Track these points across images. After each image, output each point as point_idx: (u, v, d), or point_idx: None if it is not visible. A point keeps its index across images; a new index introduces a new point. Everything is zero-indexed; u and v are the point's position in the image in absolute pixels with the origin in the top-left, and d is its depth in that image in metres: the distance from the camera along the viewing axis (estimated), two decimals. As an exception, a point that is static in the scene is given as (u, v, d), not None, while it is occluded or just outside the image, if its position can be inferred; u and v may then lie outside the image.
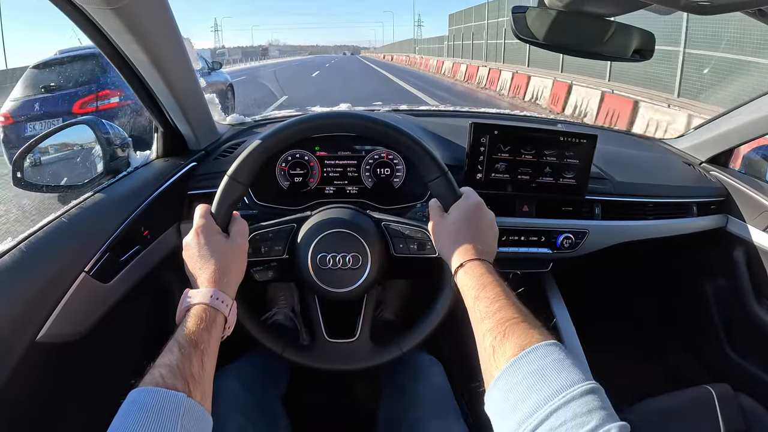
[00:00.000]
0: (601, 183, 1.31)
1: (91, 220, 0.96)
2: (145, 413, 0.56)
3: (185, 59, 1.08)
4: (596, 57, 1.10)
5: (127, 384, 0.60)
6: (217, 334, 0.73)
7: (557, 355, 0.60)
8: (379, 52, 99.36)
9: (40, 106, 5.24)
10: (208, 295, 0.74)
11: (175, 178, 1.16)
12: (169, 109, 1.16)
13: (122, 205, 1.02)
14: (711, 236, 1.47)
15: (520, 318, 0.67)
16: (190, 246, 0.81)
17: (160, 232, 1.11)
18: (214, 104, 1.42)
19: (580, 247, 1.29)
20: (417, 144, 0.91)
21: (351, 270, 0.93)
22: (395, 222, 0.97)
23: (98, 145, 1.14)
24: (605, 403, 0.54)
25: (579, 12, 0.99)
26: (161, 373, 0.61)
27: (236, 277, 0.83)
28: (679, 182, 1.44)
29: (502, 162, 1.20)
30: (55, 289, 0.84)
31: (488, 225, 0.87)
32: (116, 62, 0.99)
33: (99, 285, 0.91)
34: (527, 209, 1.26)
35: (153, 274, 1.09)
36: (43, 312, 0.81)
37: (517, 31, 0.98)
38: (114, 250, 0.95)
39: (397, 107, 1.72)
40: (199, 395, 0.62)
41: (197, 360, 0.65)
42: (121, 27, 0.85)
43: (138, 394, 0.58)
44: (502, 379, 0.61)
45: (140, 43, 0.91)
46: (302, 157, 1.24)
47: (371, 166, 1.26)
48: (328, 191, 1.27)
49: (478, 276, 0.77)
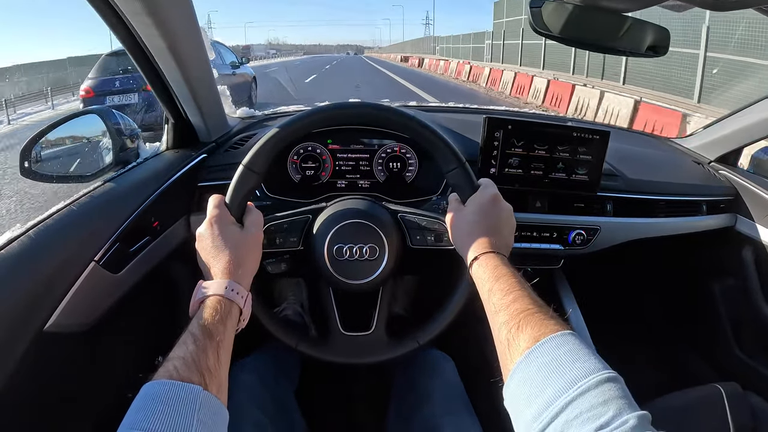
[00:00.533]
0: (613, 180, 1.30)
1: (101, 210, 0.95)
2: (160, 407, 0.54)
3: (201, 48, 1.08)
4: (611, 52, 1.10)
5: (135, 376, 0.59)
6: (232, 326, 0.72)
7: (572, 345, 0.59)
8: (386, 52, 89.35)
9: (119, 84, 6.92)
10: (223, 286, 0.73)
11: (185, 170, 1.15)
12: (182, 100, 1.14)
13: (132, 195, 1.01)
14: (720, 235, 1.47)
15: (534, 309, 0.66)
16: (204, 236, 0.80)
17: (169, 223, 1.10)
18: (226, 96, 1.41)
19: (591, 243, 1.28)
20: (435, 134, 0.91)
21: (368, 261, 0.93)
22: (412, 213, 0.97)
23: (108, 136, 1.13)
24: (623, 393, 0.53)
25: (595, 7, 0.99)
26: (176, 366, 0.59)
27: (251, 269, 0.82)
28: (688, 181, 1.44)
29: (515, 157, 1.19)
30: (64, 278, 0.83)
31: (505, 218, 0.86)
32: (132, 49, 0.98)
33: (108, 275, 0.90)
34: (540, 205, 1.26)
35: (162, 265, 1.08)
36: (51, 301, 0.80)
37: (534, 24, 0.98)
38: (124, 241, 0.94)
39: (406, 103, 1.72)
40: (215, 388, 0.61)
41: (213, 352, 0.64)
42: (141, 10, 0.84)
43: (152, 387, 0.57)
44: (518, 371, 0.60)
45: (159, 29, 0.90)
46: (314, 150, 1.23)
47: (384, 160, 1.25)
48: (339, 185, 1.26)
49: (492, 268, 0.76)
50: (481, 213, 0.85)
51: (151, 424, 0.52)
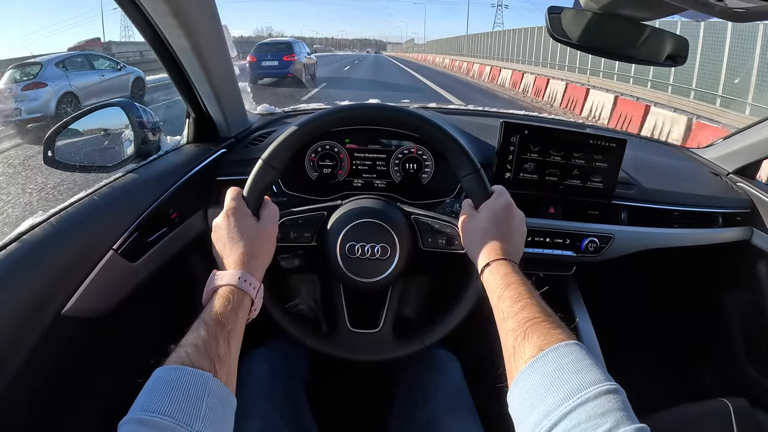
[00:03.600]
0: (628, 188, 1.30)
1: (121, 199, 0.97)
2: (171, 391, 0.56)
3: (224, 46, 1.10)
4: (629, 60, 1.10)
5: (147, 361, 0.61)
6: (243, 315, 0.73)
7: (576, 356, 0.60)
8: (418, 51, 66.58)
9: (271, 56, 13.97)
10: (235, 276, 0.75)
11: (204, 164, 1.17)
12: (203, 96, 1.17)
13: (152, 186, 1.04)
14: (735, 248, 1.45)
15: (541, 317, 0.67)
16: (220, 227, 0.82)
17: (187, 215, 1.12)
18: (246, 93, 1.44)
19: (604, 251, 1.28)
20: (452, 140, 0.92)
21: (379, 260, 0.94)
22: (425, 216, 0.98)
23: (130, 128, 1.15)
24: (623, 405, 0.53)
25: (614, 15, 0.99)
26: (187, 352, 0.61)
27: (264, 261, 0.83)
28: (705, 192, 1.43)
29: (531, 162, 1.20)
30: (83, 264, 0.85)
31: (517, 225, 0.87)
32: (156, 48, 1.01)
33: (126, 263, 0.92)
34: (553, 211, 1.26)
35: (178, 256, 1.10)
36: (70, 286, 0.83)
37: (552, 31, 0.98)
38: (142, 230, 0.97)
39: (426, 105, 1.73)
40: (224, 376, 0.62)
41: (223, 341, 0.66)
42: (166, 11, 0.87)
43: (164, 371, 0.59)
44: (522, 380, 0.61)
45: (183, 29, 0.93)
46: (332, 149, 1.25)
47: (400, 161, 1.26)
48: (356, 184, 1.27)
49: (503, 275, 0.77)
50: (494, 219, 0.85)
51: (162, 407, 0.54)
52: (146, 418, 0.53)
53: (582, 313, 1.41)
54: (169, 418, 0.53)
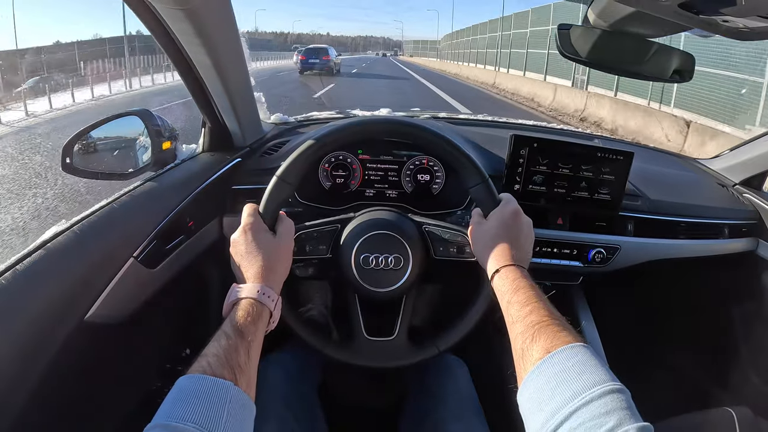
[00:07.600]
0: (635, 200, 1.32)
1: (140, 208, 1.00)
2: (194, 399, 0.58)
3: (242, 60, 1.13)
4: (636, 76, 1.12)
5: (164, 365, 0.63)
6: (262, 327, 0.76)
7: (582, 357, 0.62)
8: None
9: (315, 55, 23.00)
10: (255, 290, 0.78)
11: (220, 173, 1.20)
12: (220, 107, 1.20)
13: (170, 195, 1.06)
14: (741, 259, 1.46)
15: (549, 321, 0.69)
16: (238, 243, 0.84)
17: (203, 223, 1.15)
18: (261, 103, 1.46)
19: (611, 262, 1.30)
20: (459, 151, 0.95)
21: (393, 271, 0.96)
22: (436, 226, 1.00)
23: (147, 136, 1.18)
24: (627, 404, 0.55)
25: (622, 32, 1.01)
26: (209, 362, 0.64)
27: (282, 274, 0.86)
28: (711, 203, 1.44)
29: (539, 174, 1.22)
30: (105, 271, 0.88)
31: (525, 231, 0.89)
32: (178, 63, 1.04)
33: (146, 270, 0.95)
34: (561, 222, 1.28)
35: (194, 263, 1.12)
36: (93, 293, 0.85)
37: (561, 47, 1.01)
38: (161, 238, 0.99)
39: (437, 114, 1.75)
40: (244, 384, 0.65)
41: (244, 351, 0.68)
42: (189, 29, 0.89)
43: (187, 381, 0.61)
44: (530, 381, 0.63)
45: (205, 47, 0.96)
46: (345, 159, 1.27)
47: (412, 172, 1.29)
48: (368, 194, 1.29)
49: (512, 280, 0.79)
50: (503, 227, 0.88)
51: (185, 414, 0.57)
52: (171, 424, 0.55)
53: (588, 321, 1.42)
54: (192, 423, 0.56)
